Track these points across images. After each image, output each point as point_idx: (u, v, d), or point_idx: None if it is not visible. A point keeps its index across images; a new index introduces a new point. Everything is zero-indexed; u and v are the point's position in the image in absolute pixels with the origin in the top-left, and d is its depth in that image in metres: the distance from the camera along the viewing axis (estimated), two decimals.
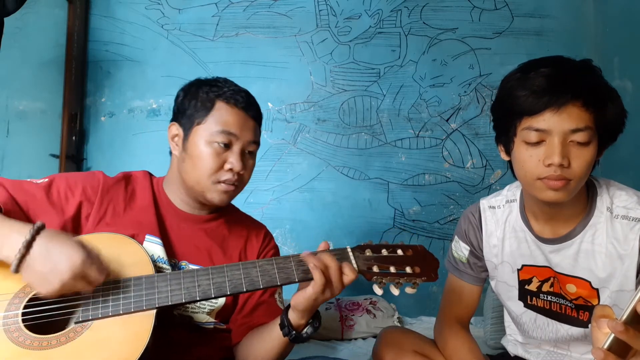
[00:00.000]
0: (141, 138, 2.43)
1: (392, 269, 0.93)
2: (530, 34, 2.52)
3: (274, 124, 2.47)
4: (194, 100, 1.07)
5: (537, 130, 0.93)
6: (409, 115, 2.48)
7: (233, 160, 1.04)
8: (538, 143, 0.94)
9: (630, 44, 2.24)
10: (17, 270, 0.80)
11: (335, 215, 2.42)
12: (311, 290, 0.88)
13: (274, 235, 1.25)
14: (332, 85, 2.49)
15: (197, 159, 1.04)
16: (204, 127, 1.04)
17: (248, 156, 1.09)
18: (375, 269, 0.93)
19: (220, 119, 1.05)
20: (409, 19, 2.52)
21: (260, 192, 2.43)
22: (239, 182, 1.07)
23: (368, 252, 0.95)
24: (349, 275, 0.90)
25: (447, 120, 2.49)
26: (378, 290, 0.92)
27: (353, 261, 0.93)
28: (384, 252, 0.96)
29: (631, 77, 2.23)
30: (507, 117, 1.00)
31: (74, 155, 2.35)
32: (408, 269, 0.94)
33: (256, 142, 1.11)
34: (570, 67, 0.95)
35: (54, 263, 0.80)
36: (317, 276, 0.88)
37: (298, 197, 2.43)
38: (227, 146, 1.04)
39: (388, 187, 2.46)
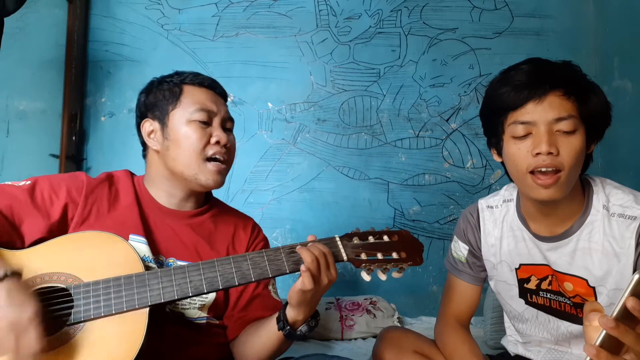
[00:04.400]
0: None
1: (379, 255, 0.95)
2: (530, 34, 2.53)
3: (274, 124, 2.47)
4: (159, 92, 1.10)
5: (522, 123, 0.96)
6: (409, 115, 2.48)
7: (217, 133, 1.06)
8: (525, 136, 0.97)
9: (630, 44, 2.24)
10: None
11: (335, 215, 2.42)
12: (304, 268, 0.89)
13: (273, 235, 1.24)
14: (332, 85, 2.49)
15: (182, 139, 1.04)
16: (180, 110, 1.06)
17: (228, 132, 1.11)
18: (363, 256, 0.95)
19: (192, 99, 1.07)
20: (409, 19, 2.52)
21: (260, 192, 2.42)
22: (228, 158, 1.09)
23: (356, 240, 0.97)
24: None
25: (447, 120, 2.49)
26: (366, 277, 0.94)
27: (342, 250, 0.95)
28: (371, 238, 0.98)
29: (631, 77, 2.23)
30: (493, 116, 1.03)
31: (74, 155, 2.35)
32: (394, 255, 0.96)
33: (231, 119, 1.13)
34: (549, 63, 0.99)
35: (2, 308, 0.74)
36: (305, 254, 0.89)
37: (298, 197, 2.43)
38: (207, 124, 1.06)
39: (388, 187, 2.46)
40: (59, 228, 0.98)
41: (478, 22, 2.53)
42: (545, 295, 1.10)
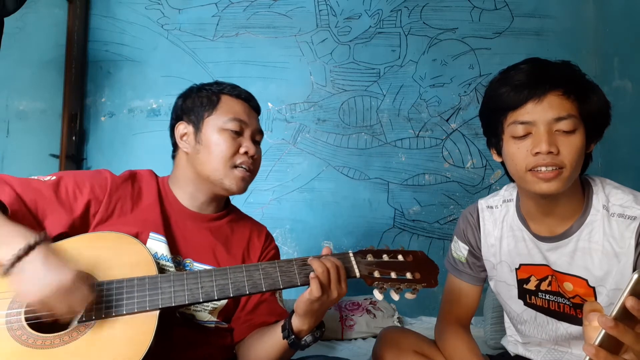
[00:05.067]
0: (141, 138, 2.43)
1: (393, 275, 0.95)
2: (530, 34, 2.52)
3: (274, 124, 2.47)
4: (198, 99, 1.13)
5: (522, 123, 0.96)
6: (409, 115, 2.48)
7: (247, 144, 1.10)
8: (525, 136, 0.97)
9: (630, 44, 2.24)
10: (8, 271, 0.79)
11: (335, 215, 2.42)
12: (313, 284, 0.89)
13: (274, 235, 1.25)
14: (332, 85, 2.49)
15: (213, 146, 1.08)
16: (214, 118, 1.10)
17: (257, 144, 1.14)
18: (376, 274, 0.94)
19: (228, 109, 1.11)
20: (409, 19, 2.52)
21: (260, 192, 2.43)
22: (254, 167, 1.12)
23: (369, 257, 0.97)
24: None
25: (447, 120, 2.49)
26: (378, 296, 0.93)
27: (355, 265, 0.95)
28: (385, 257, 0.97)
29: (631, 77, 2.23)
30: (493, 116, 1.03)
31: (74, 155, 2.35)
32: (408, 275, 0.95)
33: (261, 132, 1.17)
34: (548, 62, 0.99)
35: (44, 274, 0.78)
36: (317, 265, 0.89)
37: (298, 197, 2.43)
38: (239, 134, 1.10)
39: (388, 187, 2.46)
40: (81, 223, 0.99)
41: (478, 22, 2.53)
42: (543, 297, 1.10)
